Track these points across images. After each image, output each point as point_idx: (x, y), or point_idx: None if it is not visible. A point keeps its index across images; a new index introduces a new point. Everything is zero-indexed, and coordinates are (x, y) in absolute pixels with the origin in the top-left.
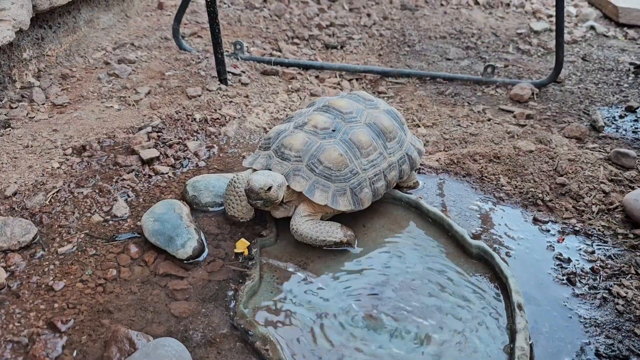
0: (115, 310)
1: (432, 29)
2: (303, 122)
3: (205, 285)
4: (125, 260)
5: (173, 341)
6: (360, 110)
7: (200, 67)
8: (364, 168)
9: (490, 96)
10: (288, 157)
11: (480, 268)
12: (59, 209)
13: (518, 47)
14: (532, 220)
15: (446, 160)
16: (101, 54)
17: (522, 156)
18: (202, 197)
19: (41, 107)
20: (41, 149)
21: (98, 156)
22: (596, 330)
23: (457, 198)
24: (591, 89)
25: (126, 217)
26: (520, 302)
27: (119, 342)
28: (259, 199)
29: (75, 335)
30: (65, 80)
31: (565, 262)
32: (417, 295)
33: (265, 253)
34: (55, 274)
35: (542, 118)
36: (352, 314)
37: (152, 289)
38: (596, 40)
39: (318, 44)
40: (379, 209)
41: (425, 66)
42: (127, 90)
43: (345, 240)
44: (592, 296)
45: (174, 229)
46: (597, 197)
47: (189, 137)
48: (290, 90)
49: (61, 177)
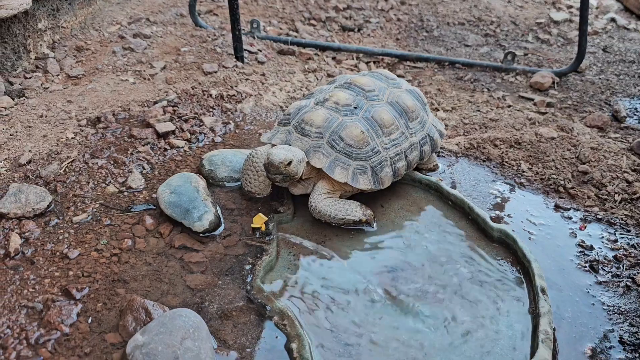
0: (130, 280)
1: (451, 15)
2: (324, 99)
3: (222, 259)
4: (141, 231)
5: (189, 312)
6: (383, 89)
7: (216, 44)
8: (385, 147)
9: (510, 83)
10: (308, 133)
11: (502, 252)
12: (74, 179)
13: (537, 36)
14: (554, 207)
15: (466, 144)
16: (116, 27)
17: (543, 143)
18: (218, 171)
19: (55, 78)
20: (55, 119)
21: (113, 128)
22: (619, 317)
23: (477, 182)
24: (612, 80)
25: (141, 188)
26: (544, 286)
27: (135, 312)
28: (278, 174)
29: (90, 303)
30: (80, 52)
31: (587, 249)
32: (436, 277)
33: (282, 229)
34: (70, 242)
35: (562, 107)
36: (370, 293)
37: (168, 260)
38: (617, 33)
39: (335, 26)
40: (397, 190)
41: (443, 52)
42: (143, 65)
43: (364, 219)
44: (615, 284)
45: (191, 201)
46: (620, 186)
47: (204, 113)
48: (307, 71)
49: (76, 148)
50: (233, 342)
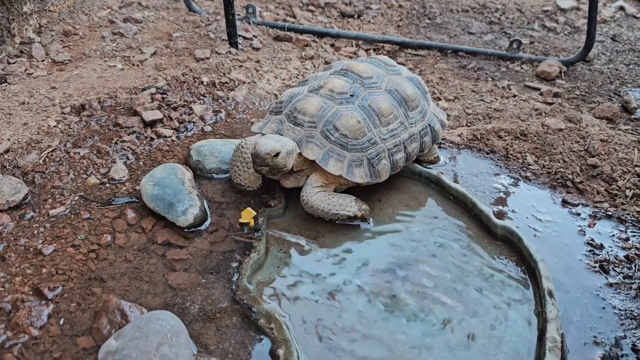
0: (108, 278)
1: (454, 2)
2: (319, 86)
3: (207, 255)
4: (122, 226)
5: (168, 314)
6: (381, 76)
7: (209, 29)
8: (383, 138)
9: (515, 72)
10: (301, 123)
11: (506, 250)
12: (53, 169)
13: (544, 24)
14: (561, 202)
15: (469, 135)
16: (106, 12)
17: (550, 134)
18: (206, 162)
19: (40, 64)
20: (38, 106)
21: (98, 116)
22: (632, 323)
23: (480, 175)
24: (622, 70)
25: (124, 180)
26: (551, 288)
27: (109, 313)
28: (264, 165)
29: (63, 304)
30: (68, 37)
31: (597, 248)
32: (435, 278)
33: (272, 225)
34: (45, 237)
35: (570, 97)
36: (364, 293)
37: (149, 257)
38: (626, 21)
39: (334, 12)
40: (396, 183)
41: (446, 39)
42: (132, 50)
43: (359, 214)
44: (628, 286)
45: (175, 194)
46: (632, 181)
47: (195, 101)
48: (303, 58)
49: (57, 136)
50: (215, 348)
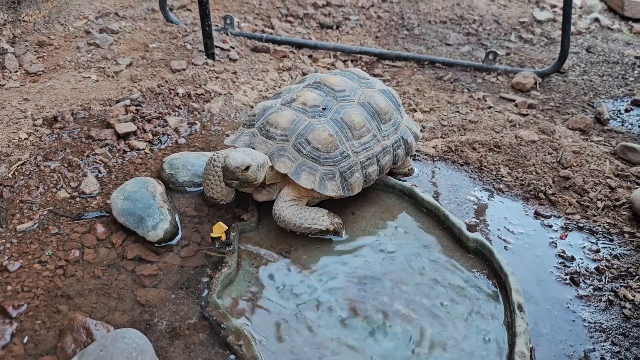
0: (75, 295)
1: (432, 13)
2: (291, 99)
3: (178, 271)
4: (91, 241)
5: (134, 332)
6: (354, 89)
7: (187, 40)
8: (355, 151)
9: (491, 84)
10: (273, 136)
11: (477, 263)
12: (22, 183)
13: (520, 35)
14: (534, 214)
15: (443, 147)
16: (83, 22)
17: (524, 146)
18: (179, 175)
19: (13, 75)
20: (9, 118)
21: (70, 128)
22: (601, 335)
23: (454, 188)
24: (596, 81)
25: (95, 194)
26: (521, 302)
27: (75, 332)
28: (234, 179)
29: (27, 322)
30: (42, 47)
31: (568, 260)
32: (407, 291)
33: (244, 239)
34: (11, 253)
35: (544, 108)
36: (336, 308)
37: (119, 273)
38: (600, 33)
39: (313, 23)
40: (370, 196)
41: (424, 50)
42: (107, 61)
43: (331, 228)
44: (597, 298)
45: (145, 209)
46: (603, 193)
47: (170, 112)
48: (281, 69)
49: (28, 149)
50: None
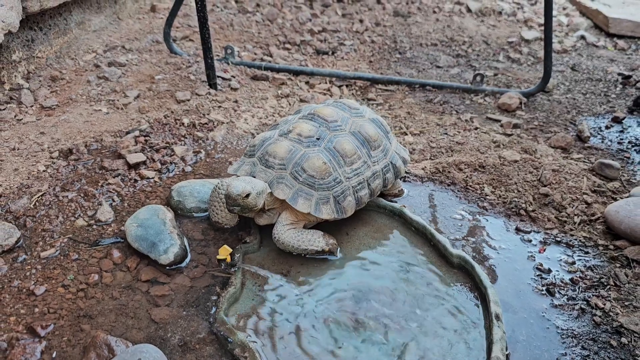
0: (96, 315)
1: (424, 36)
2: (288, 130)
3: (188, 291)
4: (108, 265)
5: (151, 347)
6: (345, 119)
7: (190, 71)
8: (347, 176)
9: (478, 105)
10: (272, 165)
11: (461, 277)
12: (43, 213)
13: (508, 55)
14: (515, 230)
15: (432, 168)
16: (92, 56)
17: (506, 166)
18: (187, 202)
19: (29, 110)
20: (28, 151)
21: (85, 160)
22: (573, 341)
23: (441, 207)
24: (579, 99)
25: (110, 221)
26: (498, 312)
27: (97, 348)
28: (236, 205)
29: (54, 340)
30: (55, 82)
31: (545, 272)
32: (398, 304)
33: (248, 260)
34: (37, 279)
35: (529, 127)
36: (332, 323)
37: (134, 294)
38: (586, 50)
39: (309, 50)
40: (362, 217)
41: (415, 73)
42: (116, 94)
43: (327, 248)
44: (571, 307)
45: (157, 234)
46: (580, 208)
47: (176, 142)
48: (279, 96)
49: (47, 181)
50: None
